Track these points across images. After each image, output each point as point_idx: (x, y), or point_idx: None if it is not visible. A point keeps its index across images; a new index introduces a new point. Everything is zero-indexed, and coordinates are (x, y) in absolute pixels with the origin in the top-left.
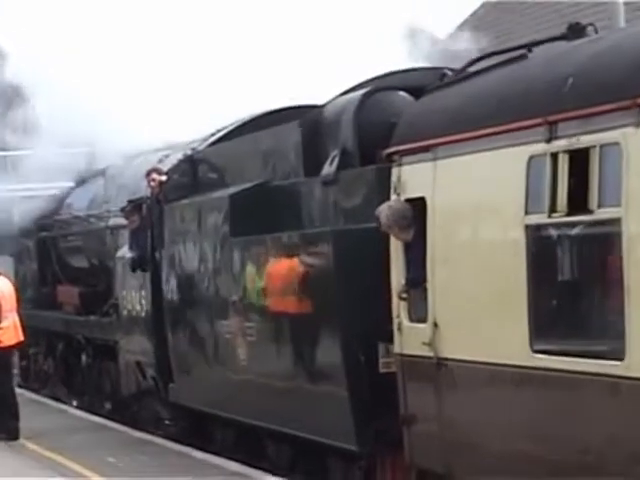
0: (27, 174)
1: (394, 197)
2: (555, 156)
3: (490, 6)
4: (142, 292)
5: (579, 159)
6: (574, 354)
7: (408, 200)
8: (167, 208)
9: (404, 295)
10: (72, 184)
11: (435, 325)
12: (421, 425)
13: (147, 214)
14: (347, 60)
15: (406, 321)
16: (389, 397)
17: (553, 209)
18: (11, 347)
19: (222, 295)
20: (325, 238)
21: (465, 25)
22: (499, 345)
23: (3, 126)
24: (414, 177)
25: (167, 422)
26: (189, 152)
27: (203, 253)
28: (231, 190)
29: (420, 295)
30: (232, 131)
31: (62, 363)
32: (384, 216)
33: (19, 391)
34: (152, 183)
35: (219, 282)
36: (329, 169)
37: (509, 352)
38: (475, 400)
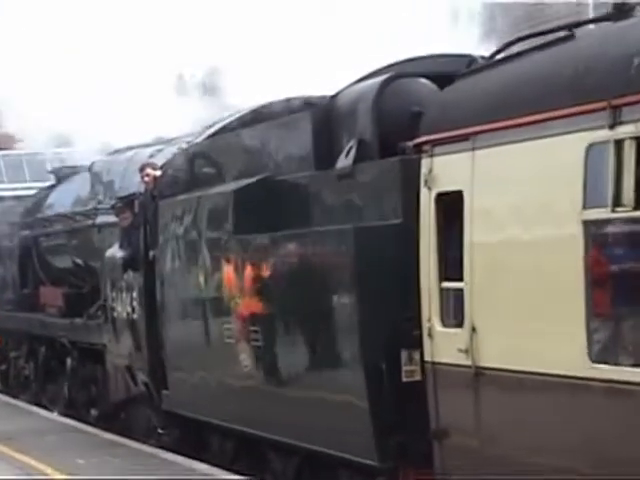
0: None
1: (424, 191)
2: (620, 143)
3: None
4: (134, 293)
5: None
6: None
7: (441, 194)
8: (162, 204)
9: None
10: (52, 182)
11: (473, 330)
12: (456, 440)
13: (140, 211)
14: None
15: (438, 326)
16: (413, 408)
17: (617, 203)
18: None
19: (224, 296)
20: (346, 236)
21: None
22: (550, 353)
23: None
24: (449, 169)
25: (160, 431)
26: (184, 146)
27: (202, 252)
28: (234, 185)
29: (455, 297)
30: (231, 123)
31: (44, 367)
32: None
33: None
34: (146, 178)
35: (220, 282)
36: (345, 162)
37: (562, 361)
38: (522, 414)
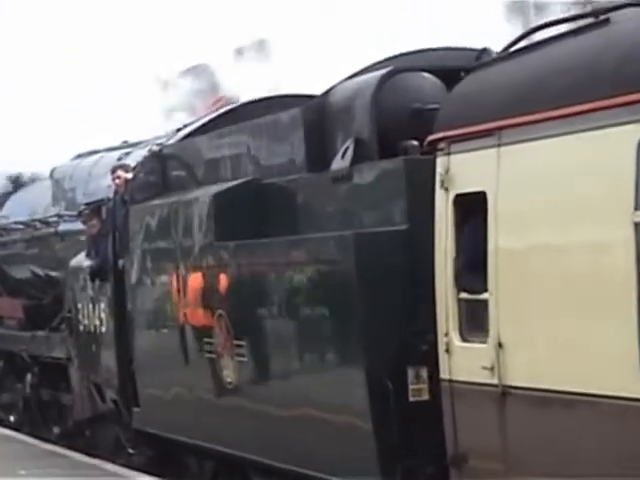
0: None
1: (440, 192)
2: None
3: None
4: (101, 304)
5: None
6: None
7: (460, 195)
8: (134, 209)
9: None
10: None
11: (500, 345)
12: (479, 466)
13: (108, 217)
14: None
15: (457, 341)
16: (420, 430)
17: None
18: None
19: (203, 308)
20: (345, 243)
21: None
22: (594, 371)
23: None
24: (469, 168)
25: (130, 451)
26: (155, 148)
27: (178, 260)
28: (214, 188)
29: (478, 309)
30: (206, 124)
31: (1, 383)
32: None
33: None
34: (117, 181)
35: (199, 292)
36: (341, 163)
37: (610, 380)
38: (559, 439)
